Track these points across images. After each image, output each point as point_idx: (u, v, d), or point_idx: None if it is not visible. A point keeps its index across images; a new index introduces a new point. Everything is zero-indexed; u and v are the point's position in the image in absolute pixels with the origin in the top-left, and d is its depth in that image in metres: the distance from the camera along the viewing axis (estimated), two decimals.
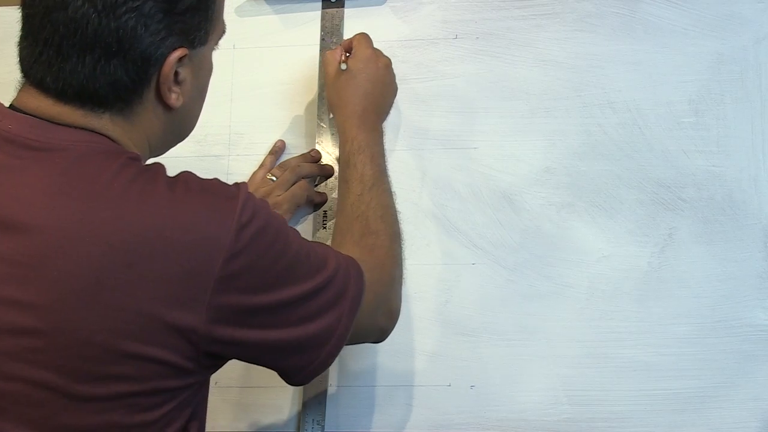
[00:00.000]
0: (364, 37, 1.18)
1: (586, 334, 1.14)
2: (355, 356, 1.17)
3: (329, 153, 1.24)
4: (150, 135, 0.89)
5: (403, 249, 1.10)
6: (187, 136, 0.98)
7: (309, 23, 1.30)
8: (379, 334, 1.02)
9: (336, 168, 1.23)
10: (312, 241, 0.94)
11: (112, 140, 0.85)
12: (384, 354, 1.17)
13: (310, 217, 1.23)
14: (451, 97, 1.24)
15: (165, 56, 0.84)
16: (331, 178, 1.23)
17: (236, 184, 0.86)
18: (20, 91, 0.87)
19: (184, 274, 0.79)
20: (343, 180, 1.10)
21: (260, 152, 1.26)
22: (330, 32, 1.28)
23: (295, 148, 1.26)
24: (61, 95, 0.83)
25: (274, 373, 1.18)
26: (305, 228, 1.23)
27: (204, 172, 1.25)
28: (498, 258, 1.18)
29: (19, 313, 0.78)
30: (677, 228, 1.16)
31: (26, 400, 0.79)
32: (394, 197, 1.11)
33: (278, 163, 1.25)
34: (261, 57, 1.30)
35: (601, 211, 1.18)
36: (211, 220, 0.81)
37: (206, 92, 0.96)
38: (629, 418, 1.11)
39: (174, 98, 0.87)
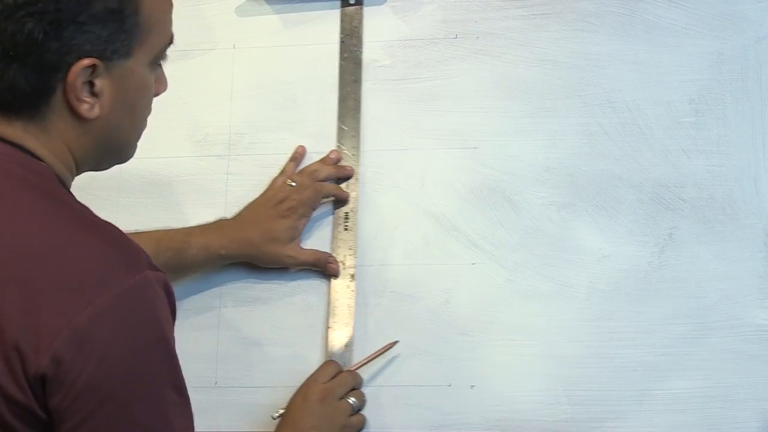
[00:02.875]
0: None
1: (586, 334, 1.14)
2: (354, 356, 1.17)
3: (351, 154, 1.24)
4: (71, 145, 0.87)
5: None
6: (125, 152, 0.94)
7: (308, 23, 1.30)
8: None
9: (356, 169, 1.23)
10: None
11: (29, 151, 0.84)
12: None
13: (330, 218, 1.22)
14: (451, 97, 1.24)
15: (70, 65, 0.82)
16: (351, 179, 1.23)
17: (154, 267, 0.82)
18: None
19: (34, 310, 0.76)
20: None
21: (260, 152, 1.26)
22: (349, 34, 1.28)
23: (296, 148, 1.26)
24: None
25: (274, 373, 1.18)
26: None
27: (204, 172, 1.27)
28: (498, 258, 1.18)
29: None
30: (677, 228, 1.16)
31: None
32: None
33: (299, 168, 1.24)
34: (261, 57, 1.30)
35: (602, 211, 1.18)
36: (98, 275, 0.78)
37: (143, 109, 0.92)
38: (629, 418, 1.11)
39: (86, 109, 0.84)
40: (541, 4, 1.25)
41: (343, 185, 1.23)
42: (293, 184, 1.20)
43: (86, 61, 0.82)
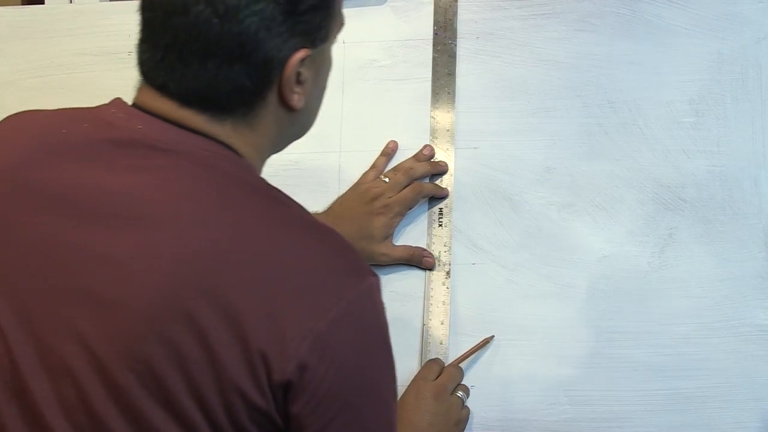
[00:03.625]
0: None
1: (586, 334, 1.14)
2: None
3: (444, 150, 1.23)
4: (272, 137, 0.86)
5: None
6: (306, 132, 0.94)
7: None
8: None
9: (450, 165, 1.22)
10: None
11: (235, 151, 0.83)
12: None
13: (425, 214, 1.21)
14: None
15: (287, 58, 0.80)
16: (446, 175, 1.21)
17: (373, 273, 0.82)
18: (140, 90, 0.84)
19: (279, 312, 0.76)
20: None
21: None
22: (443, 26, 1.25)
23: (297, 147, 1.25)
24: (183, 100, 0.81)
25: None
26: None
27: None
28: (498, 258, 1.18)
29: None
30: (677, 228, 1.16)
31: None
32: None
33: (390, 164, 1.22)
34: None
35: (602, 211, 1.18)
36: (332, 280, 0.78)
37: (325, 88, 0.92)
38: (629, 418, 1.11)
39: (296, 99, 0.83)
40: (541, 4, 1.25)
41: (437, 181, 1.22)
42: (387, 180, 1.18)
43: (302, 53, 0.81)
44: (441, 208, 1.21)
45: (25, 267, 0.79)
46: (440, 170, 1.21)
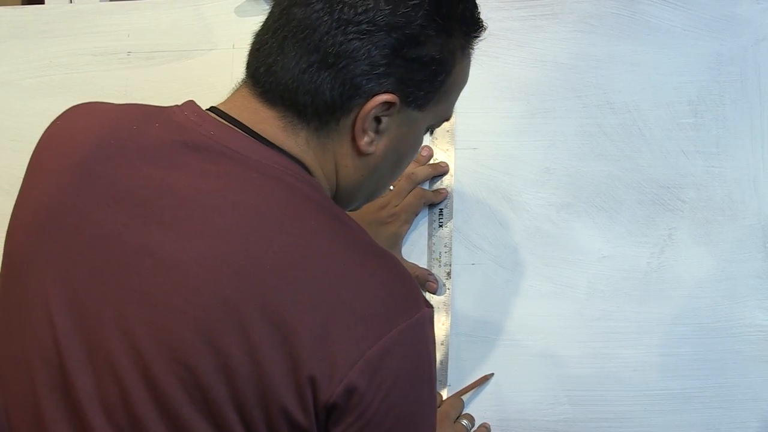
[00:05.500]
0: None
1: (586, 334, 1.14)
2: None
3: (444, 150, 1.23)
4: (340, 169, 0.85)
5: None
6: (369, 199, 0.93)
7: None
8: None
9: (450, 165, 1.22)
10: None
11: (306, 168, 0.82)
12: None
13: (425, 215, 1.21)
14: None
15: (373, 93, 0.80)
16: (446, 176, 1.21)
17: (428, 303, 0.81)
18: (236, 90, 0.85)
19: (327, 336, 0.74)
20: None
21: None
22: None
23: None
24: (266, 93, 0.82)
25: None
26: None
27: None
28: (498, 258, 1.18)
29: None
30: (677, 228, 1.17)
31: None
32: None
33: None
34: None
35: (601, 212, 1.18)
36: (388, 307, 0.77)
37: (404, 166, 0.91)
38: (629, 418, 1.11)
39: (365, 141, 0.83)
40: (540, 5, 1.26)
41: (437, 183, 1.21)
42: (391, 188, 1.17)
43: (390, 96, 0.80)
44: (441, 209, 1.21)
45: (84, 260, 0.78)
46: (442, 171, 1.21)
